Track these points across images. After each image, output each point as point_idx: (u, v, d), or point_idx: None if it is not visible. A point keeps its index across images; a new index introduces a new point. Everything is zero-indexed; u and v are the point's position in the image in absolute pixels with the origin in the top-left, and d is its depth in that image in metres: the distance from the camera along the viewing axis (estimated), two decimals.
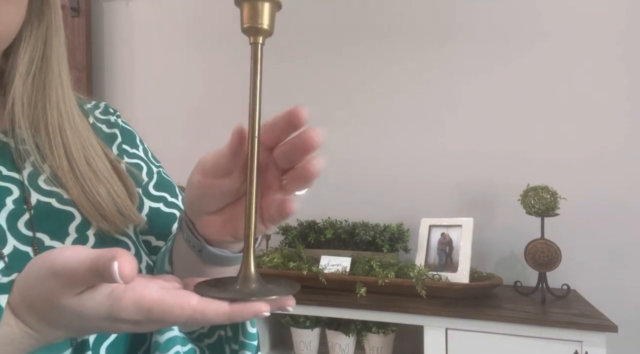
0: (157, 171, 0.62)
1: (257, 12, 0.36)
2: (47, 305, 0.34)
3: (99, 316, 0.33)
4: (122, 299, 0.32)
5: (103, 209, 0.48)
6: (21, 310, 0.35)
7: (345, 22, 1.95)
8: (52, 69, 0.50)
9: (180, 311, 0.32)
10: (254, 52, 0.37)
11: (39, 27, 0.50)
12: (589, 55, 1.70)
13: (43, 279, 0.33)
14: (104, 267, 0.30)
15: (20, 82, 0.48)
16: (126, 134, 0.62)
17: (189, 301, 0.33)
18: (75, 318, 0.34)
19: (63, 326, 0.35)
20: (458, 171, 1.80)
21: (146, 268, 0.53)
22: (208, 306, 0.33)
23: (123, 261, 0.30)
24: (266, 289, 0.36)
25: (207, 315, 0.33)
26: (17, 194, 0.47)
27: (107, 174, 0.51)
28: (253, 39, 0.37)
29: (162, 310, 0.32)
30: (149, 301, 0.32)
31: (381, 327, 1.60)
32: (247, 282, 0.36)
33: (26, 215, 0.46)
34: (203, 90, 2.12)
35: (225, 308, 0.33)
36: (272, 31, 0.37)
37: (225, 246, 0.43)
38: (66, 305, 0.33)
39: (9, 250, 0.43)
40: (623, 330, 1.32)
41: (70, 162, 0.49)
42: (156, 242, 0.58)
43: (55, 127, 0.49)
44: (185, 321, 0.33)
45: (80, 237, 0.48)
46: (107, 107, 0.63)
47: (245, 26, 0.37)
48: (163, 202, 0.59)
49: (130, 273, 0.30)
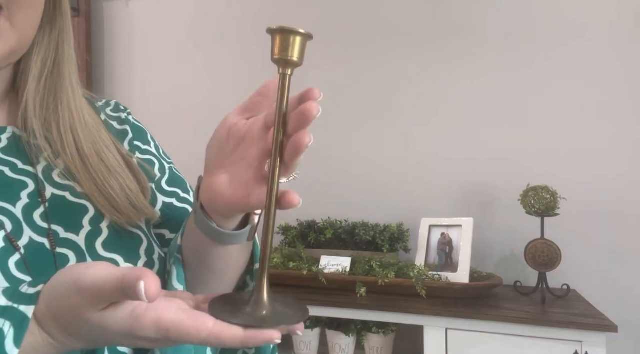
0: (169, 167, 0.64)
1: (288, 44, 0.37)
2: (70, 318, 0.35)
3: (119, 332, 0.35)
4: (142, 318, 0.34)
5: (116, 202, 0.50)
6: (46, 321, 0.36)
7: (347, 23, 1.95)
8: (63, 73, 0.53)
9: (196, 334, 0.34)
10: (282, 82, 0.38)
11: (51, 32, 0.52)
12: (589, 55, 1.70)
13: (68, 293, 0.35)
14: (130, 286, 0.32)
15: (33, 85, 0.51)
16: (137, 131, 0.63)
17: (206, 325, 0.34)
18: (97, 332, 0.36)
19: (84, 339, 0.37)
20: (458, 171, 1.80)
21: (159, 260, 0.54)
22: (223, 331, 0.34)
23: (149, 281, 0.32)
24: (277, 314, 0.37)
25: (222, 339, 0.34)
26: (32, 187, 0.48)
27: (119, 168, 0.52)
28: (282, 70, 0.38)
29: (179, 331, 0.34)
30: (167, 321, 0.34)
31: (381, 327, 1.60)
32: (260, 306, 0.38)
33: (41, 208, 0.48)
34: (203, 89, 2.12)
35: (239, 333, 0.35)
36: (301, 63, 0.38)
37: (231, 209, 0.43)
38: (89, 320, 0.35)
39: (25, 241, 0.45)
40: (623, 330, 1.33)
41: (83, 158, 0.50)
42: (169, 236, 0.59)
43: (66, 126, 0.51)
44: (200, 342, 0.35)
45: (94, 230, 0.49)
46: (118, 105, 0.65)
47: (275, 57, 0.37)
48: (176, 198, 0.61)
49: (155, 292, 0.32)
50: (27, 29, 0.47)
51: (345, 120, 1.94)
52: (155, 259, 0.53)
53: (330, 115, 1.95)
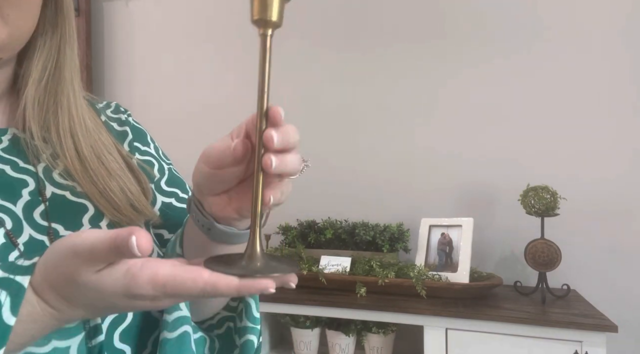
0: (168, 168, 0.64)
1: (266, 5, 0.38)
2: (67, 283, 0.36)
3: (117, 292, 0.35)
4: (138, 276, 0.34)
5: (117, 205, 0.50)
6: (42, 290, 0.36)
7: (346, 23, 1.95)
8: (65, 77, 0.53)
9: (192, 284, 0.34)
10: (262, 42, 0.39)
11: (52, 36, 0.52)
12: (589, 55, 1.70)
13: (64, 258, 0.35)
14: (123, 242, 0.32)
15: (33, 88, 0.51)
16: (137, 132, 0.64)
17: (201, 275, 0.34)
18: (94, 296, 0.36)
19: (82, 305, 0.37)
20: (458, 171, 1.81)
21: None
22: (219, 279, 0.35)
23: (140, 235, 0.32)
24: (271, 266, 0.38)
25: (218, 288, 0.34)
26: (33, 186, 0.49)
27: (120, 171, 0.53)
28: (262, 31, 0.39)
29: (175, 284, 0.34)
30: (163, 276, 0.34)
31: (381, 327, 1.60)
32: (253, 259, 0.38)
33: (41, 206, 0.48)
34: (203, 89, 2.12)
35: (235, 282, 0.35)
36: (280, 23, 0.39)
37: (232, 223, 0.46)
38: (86, 282, 0.35)
39: (25, 238, 0.45)
40: (623, 330, 1.33)
41: (82, 161, 0.51)
42: (168, 236, 0.60)
43: (66, 130, 0.51)
44: (197, 294, 0.35)
45: (93, 229, 0.49)
46: (118, 106, 0.65)
47: (255, 18, 0.39)
48: (175, 198, 0.61)
49: (147, 245, 0.32)
50: (20, 25, 0.47)
51: (345, 120, 1.94)
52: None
53: (330, 115, 1.95)
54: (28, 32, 0.49)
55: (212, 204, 0.44)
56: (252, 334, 0.55)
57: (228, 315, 0.59)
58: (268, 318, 1.75)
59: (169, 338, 0.48)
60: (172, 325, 0.49)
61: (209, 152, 0.42)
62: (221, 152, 0.40)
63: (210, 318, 0.59)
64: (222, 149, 0.40)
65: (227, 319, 0.59)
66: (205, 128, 2.10)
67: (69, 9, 0.53)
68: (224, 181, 0.43)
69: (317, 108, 1.97)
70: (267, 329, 1.75)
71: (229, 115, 2.05)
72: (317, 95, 1.97)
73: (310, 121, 1.97)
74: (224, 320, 0.59)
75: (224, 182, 0.43)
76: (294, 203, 2.02)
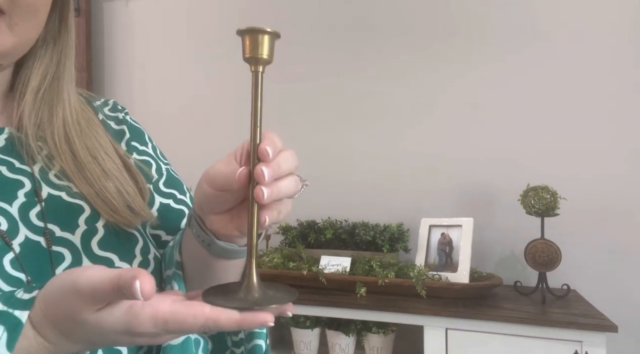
0: (166, 169, 0.64)
1: (257, 43, 0.39)
2: (67, 320, 0.36)
3: (117, 330, 0.35)
4: (139, 314, 0.35)
5: (114, 206, 0.50)
6: (42, 325, 0.37)
7: (346, 24, 1.95)
8: (62, 88, 0.54)
9: (193, 321, 0.35)
10: (254, 79, 0.40)
11: (54, 47, 0.54)
12: (589, 55, 1.70)
13: (65, 296, 0.35)
14: (126, 285, 0.32)
15: (31, 96, 0.52)
16: (135, 132, 0.63)
17: (202, 311, 0.35)
18: (94, 333, 0.36)
19: (81, 341, 0.37)
20: (458, 171, 1.80)
21: (154, 260, 0.54)
22: (220, 315, 0.35)
23: (144, 280, 0.32)
24: (268, 296, 0.39)
25: (219, 323, 0.35)
26: (29, 187, 0.49)
27: (117, 171, 0.53)
28: (254, 68, 0.40)
29: (177, 321, 0.35)
30: (164, 313, 0.35)
31: (381, 327, 1.60)
32: (251, 291, 0.39)
33: (37, 207, 0.48)
34: (203, 89, 2.12)
35: (236, 316, 0.36)
36: (271, 60, 0.40)
37: (232, 240, 0.46)
38: (86, 321, 0.35)
39: (21, 239, 0.45)
40: (623, 330, 1.32)
41: (79, 163, 0.51)
42: (165, 237, 0.59)
43: (60, 135, 0.52)
44: (199, 329, 0.35)
45: (89, 229, 0.49)
46: (116, 104, 0.65)
47: (246, 56, 0.40)
48: (173, 199, 0.61)
49: (150, 290, 0.32)
50: (26, 37, 0.48)
51: (345, 120, 1.94)
52: (150, 259, 0.53)
53: (330, 115, 1.95)
54: (32, 42, 0.50)
55: (214, 222, 0.45)
56: (260, 339, 0.56)
57: None
58: None
59: (173, 344, 0.49)
60: None
61: (213, 175, 0.42)
62: (226, 177, 0.41)
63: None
64: (226, 173, 0.41)
65: None
66: (206, 128, 2.10)
67: (71, 23, 0.55)
68: (227, 202, 0.43)
69: (318, 108, 1.97)
70: (267, 329, 1.75)
71: (230, 115, 2.05)
72: (318, 94, 1.97)
73: (311, 121, 1.97)
74: None
75: (226, 203, 0.43)
76: (294, 203, 2.02)
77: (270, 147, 0.39)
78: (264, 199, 0.38)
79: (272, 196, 0.39)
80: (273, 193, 0.39)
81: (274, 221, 0.42)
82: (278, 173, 0.39)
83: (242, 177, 0.40)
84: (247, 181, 0.40)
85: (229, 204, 0.44)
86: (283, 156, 0.40)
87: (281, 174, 0.40)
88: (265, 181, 0.38)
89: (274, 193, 0.39)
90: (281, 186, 0.40)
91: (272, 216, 0.41)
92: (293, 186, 0.41)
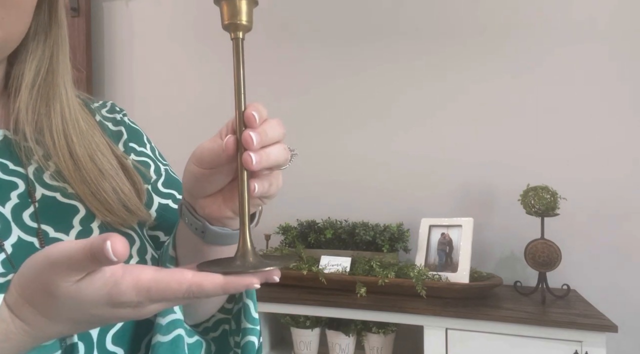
0: (165, 169, 0.64)
1: (235, 9, 0.39)
2: (45, 298, 0.34)
3: (99, 302, 0.34)
4: (120, 282, 0.34)
5: (109, 205, 0.50)
6: (19, 307, 0.35)
7: (346, 25, 1.95)
8: (57, 82, 0.53)
9: (177, 286, 0.34)
10: (235, 46, 0.40)
11: (45, 41, 0.53)
12: (589, 55, 1.70)
13: (40, 272, 0.34)
14: (98, 248, 0.31)
15: (26, 92, 0.51)
16: (133, 133, 0.63)
17: (185, 276, 0.34)
18: (75, 308, 0.35)
19: (62, 319, 0.36)
20: (458, 171, 1.81)
21: (151, 260, 0.54)
22: (204, 279, 0.34)
23: (115, 240, 0.31)
24: (264, 263, 0.38)
25: (204, 287, 0.34)
26: (23, 188, 0.48)
27: (113, 171, 0.52)
28: (234, 35, 0.40)
29: (160, 288, 0.34)
30: (146, 280, 0.34)
31: (381, 327, 1.60)
32: (246, 257, 0.39)
33: (31, 208, 0.47)
34: (203, 89, 2.12)
35: (219, 280, 0.35)
36: (250, 27, 0.40)
37: (226, 223, 0.45)
38: (65, 294, 0.34)
39: (14, 240, 0.45)
40: (623, 330, 1.33)
41: (76, 162, 0.50)
42: (164, 238, 0.59)
43: (59, 132, 0.51)
44: (183, 295, 0.34)
45: (84, 230, 0.49)
46: (114, 106, 0.64)
47: (225, 23, 0.40)
48: (172, 200, 0.61)
49: (123, 250, 0.31)
50: (13, 28, 0.47)
51: (345, 120, 1.94)
52: (148, 260, 0.53)
53: (330, 115, 1.95)
54: (20, 35, 0.49)
55: (205, 206, 0.44)
56: (253, 336, 0.54)
57: (223, 317, 0.58)
58: (268, 318, 1.75)
59: (163, 341, 0.48)
60: (166, 328, 0.48)
61: (200, 153, 0.42)
62: (212, 152, 0.40)
63: (205, 321, 0.59)
64: (213, 148, 0.40)
65: (223, 321, 0.58)
66: (207, 127, 2.09)
67: (62, 15, 0.53)
68: (216, 181, 0.42)
69: (319, 109, 1.97)
70: (267, 329, 1.75)
71: (231, 114, 2.05)
72: (319, 95, 1.97)
73: (312, 122, 1.97)
74: (220, 323, 0.59)
75: (216, 182, 0.43)
76: (294, 203, 2.03)
77: (256, 112, 0.38)
78: (252, 164, 0.38)
79: (262, 162, 0.38)
80: (262, 159, 0.38)
81: (265, 192, 0.41)
82: (266, 139, 0.38)
83: (229, 145, 0.39)
84: (235, 150, 0.39)
85: (218, 183, 0.43)
86: (270, 124, 0.40)
87: (269, 141, 0.39)
88: (254, 146, 0.37)
89: (263, 159, 0.38)
90: (270, 152, 0.39)
91: (262, 186, 0.40)
92: (282, 153, 0.40)
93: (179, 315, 0.50)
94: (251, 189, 0.39)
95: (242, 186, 0.39)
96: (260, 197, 0.42)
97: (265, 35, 2.01)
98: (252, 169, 0.38)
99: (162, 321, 0.49)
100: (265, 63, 2.01)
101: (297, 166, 1.93)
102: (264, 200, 0.43)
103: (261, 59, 2.00)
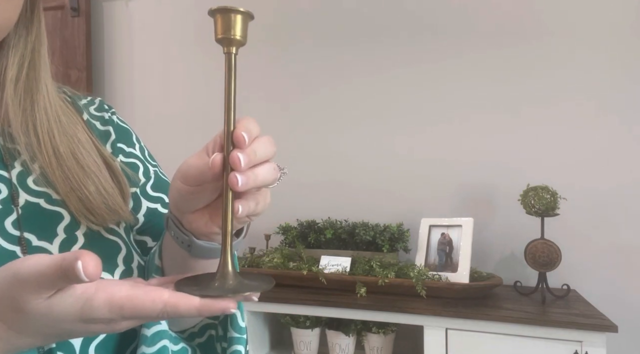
0: (154, 171, 0.62)
1: (230, 23, 0.38)
2: (15, 314, 0.34)
3: (70, 318, 0.33)
4: (93, 299, 0.33)
5: (90, 203, 0.48)
6: None
7: (350, 22, 1.95)
8: (39, 76, 0.52)
9: (152, 306, 0.33)
10: (228, 61, 0.39)
11: (27, 36, 0.52)
12: (588, 55, 1.70)
13: (9, 287, 0.33)
14: (69, 266, 0.30)
15: (11, 87, 0.50)
16: (121, 132, 0.61)
17: (161, 296, 0.33)
18: (45, 323, 0.34)
19: (32, 333, 0.35)
20: (458, 171, 1.81)
21: (137, 268, 0.52)
22: (179, 300, 0.34)
23: (86, 260, 0.30)
24: (244, 285, 0.37)
25: (178, 309, 0.33)
26: (5, 193, 0.47)
27: (96, 169, 0.51)
28: (227, 49, 0.39)
29: (134, 306, 0.33)
30: (120, 298, 0.33)
31: (381, 327, 1.60)
32: (226, 278, 0.38)
33: (14, 214, 0.46)
34: (203, 90, 2.12)
35: (195, 302, 0.34)
36: (244, 42, 0.39)
37: (213, 238, 0.45)
38: (35, 310, 0.33)
39: None
40: (623, 330, 1.33)
41: (59, 159, 0.49)
42: (151, 243, 0.58)
43: (44, 128, 0.50)
44: (157, 315, 0.34)
45: (69, 238, 0.47)
46: (102, 103, 0.63)
47: (218, 37, 0.39)
48: (160, 203, 0.60)
49: (94, 270, 0.30)
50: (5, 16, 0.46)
51: (346, 120, 1.94)
52: (134, 268, 0.52)
53: (331, 115, 1.95)
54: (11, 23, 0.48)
55: (192, 221, 0.43)
56: (240, 345, 0.54)
57: (210, 323, 0.57)
58: (268, 318, 1.75)
59: (148, 353, 0.47)
60: (151, 340, 0.48)
61: (185, 170, 0.40)
62: (198, 169, 0.39)
63: (191, 326, 0.58)
64: (199, 166, 0.39)
65: (209, 327, 0.57)
66: (206, 128, 2.09)
67: (40, 12, 0.53)
68: (202, 198, 0.42)
69: (319, 109, 1.97)
70: (267, 329, 1.75)
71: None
72: (318, 94, 1.97)
73: (312, 122, 1.97)
74: (206, 328, 0.58)
75: (202, 199, 0.42)
76: (294, 203, 2.03)
77: (245, 132, 0.37)
78: (238, 186, 0.36)
79: (249, 183, 0.37)
80: (249, 180, 0.37)
81: (251, 212, 0.40)
82: (254, 160, 0.37)
83: (215, 164, 0.38)
84: (222, 169, 0.38)
85: (205, 200, 0.42)
86: (259, 142, 0.38)
87: (258, 161, 0.38)
88: (241, 167, 0.36)
89: (250, 180, 0.37)
90: (258, 173, 0.38)
91: (248, 206, 0.39)
92: (271, 173, 0.39)
93: (164, 326, 0.49)
94: (235, 211, 0.38)
95: (226, 205, 0.38)
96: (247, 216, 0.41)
97: (266, 35, 2.01)
98: (237, 190, 0.37)
99: (147, 332, 0.48)
100: (266, 63, 2.01)
101: (298, 166, 1.93)
102: (251, 217, 0.42)
103: (262, 59, 2.00)
